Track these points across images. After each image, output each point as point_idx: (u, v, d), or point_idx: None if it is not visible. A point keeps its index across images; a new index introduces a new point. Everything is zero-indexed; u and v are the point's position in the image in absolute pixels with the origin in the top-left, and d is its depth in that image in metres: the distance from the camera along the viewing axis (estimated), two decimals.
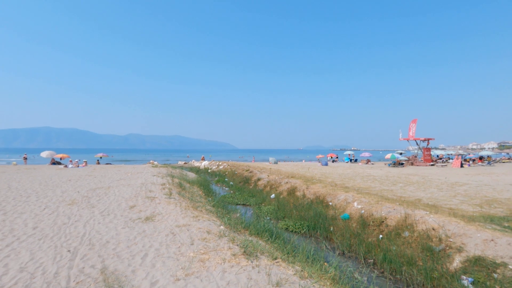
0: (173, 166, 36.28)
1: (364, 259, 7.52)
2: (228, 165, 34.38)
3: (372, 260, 7.47)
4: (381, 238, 8.11)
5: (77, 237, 6.73)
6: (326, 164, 33.83)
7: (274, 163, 37.90)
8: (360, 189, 13.45)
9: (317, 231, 10.02)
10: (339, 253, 8.18)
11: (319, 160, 46.49)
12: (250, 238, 7.10)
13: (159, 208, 9.73)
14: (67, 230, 7.23)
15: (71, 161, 33.72)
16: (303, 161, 55.65)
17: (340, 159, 50.39)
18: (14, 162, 36.67)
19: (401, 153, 43.94)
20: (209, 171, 34.98)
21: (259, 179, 20.94)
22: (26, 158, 39.16)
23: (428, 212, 8.25)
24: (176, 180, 17.98)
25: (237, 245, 6.09)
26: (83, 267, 5.04)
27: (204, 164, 42.17)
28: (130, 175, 20.62)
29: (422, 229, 7.51)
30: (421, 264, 6.50)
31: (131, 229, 7.35)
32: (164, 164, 41.61)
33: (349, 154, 47.94)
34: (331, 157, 48.30)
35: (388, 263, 6.95)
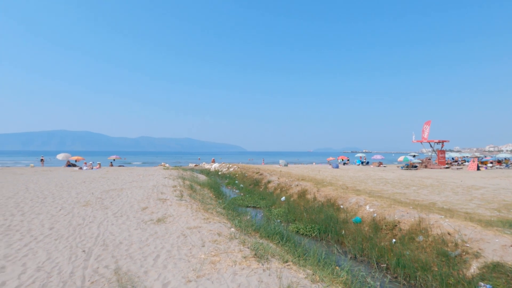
0: (184, 169, 36.66)
1: (376, 264, 7.39)
2: (238, 167, 34.47)
3: (385, 265, 7.32)
4: (394, 242, 7.95)
5: (91, 237, 6.88)
6: (337, 167, 33.49)
7: (284, 165, 37.77)
8: (372, 192, 13.24)
9: (328, 235, 9.91)
10: (351, 257, 8.07)
11: (329, 163, 46.06)
12: (260, 241, 7.09)
13: (170, 210, 9.84)
14: (82, 231, 7.40)
15: (85, 163, 34.55)
16: (314, 163, 55.24)
17: (351, 161, 49.78)
18: (32, 164, 37.84)
19: (414, 156, 43.03)
20: (220, 173, 35.16)
21: (269, 182, 20.90)
22: (43, 160, 40.37)
23: (443, 216, 8.04)
24: (187, 182, 18.15)
25: (248, 248, 6.09)
26: (97, 267, 5.14)
27: (214, 166, 42.42)
28: (142, 177, 20.95)
29: (437, 234, 7.32)
30: (436, 269, 6.34)
31: (143, 230, 7.46)
32: (175, 166, 42.09)
33: (360, 157, 47.30)
34: (342, 160, 47.76)
35: (401, 268, 6.80)
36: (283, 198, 15.64)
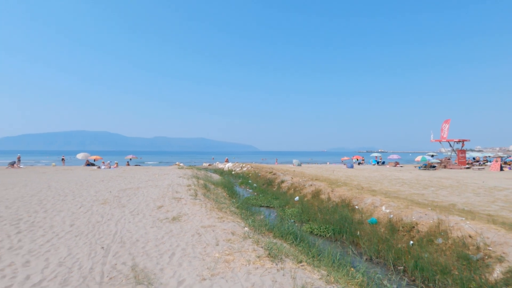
0: (198, 168, 37.10)
1: (393, 266, 7.22)
2: (252, 167, 34.54)
3: (402, 267, 7.14)
4: (412, 244, 7.74)
5: (110, 235, 7.08)
6: (352, 167, 32.96)
7: (298, 165, 37.54)
8: (388, 192, 12.94)
9: (342, 235, 9.78)
10: (366, 259, 7.92)
11: (344, 163, 45.41)
12: (274, 241, 7.08)
13: (185, 208, 9.99)
14: (100, 228, 7.63)
15: (103, 162, 35.57)
16: (328, 163, 54.58)
17: (367, 161, 48.85)
18: (54, 164, 39.35)
19: (432, 155, 41.72)
20: (233, 173, 35.36)
21: (282, 181, 20.83)
22: (64, 160, 41.90)
23: (463, 218, 7.76)
24: (201, 182, 18.36)
25: (262, 247, 6.10)
26: (115, 264, 5.28)
27: (228, 166, 42.71)
28: (158, 176, 21.36)
29: (457, 236, 7.07)
30: (456, 273, 6.12)
31: (159, 228, 7.61)
32: (190, 166, 42.68)
33: (376, 156, 46.32)
34: (357, 159, 46.95)
35: (419, 271, 6.62)
36: (296, 198, 15.55)
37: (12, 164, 32.54)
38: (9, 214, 9.04)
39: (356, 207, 11.46)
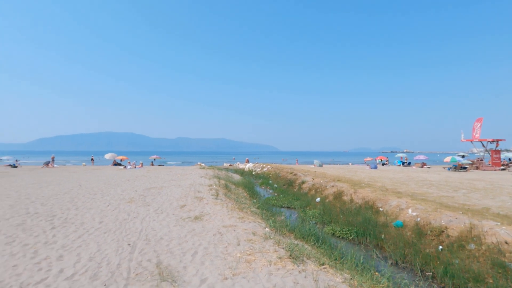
0: (219, 168, 37.60)
1: (421, 271, 6.92)
2: (272, 167, 34.48)
3: (431, 273, 6.82)
4: (441, 249, 7.38)
5: (135, 232, 7.34)
6: (375, 168, 31.99)
7: (319, 165, 36.99)
8: (415, 194, 12.41)
9: (366, 238, 9.50)
10: (391, 263, 7.64)
11: (367, 163, 44.15)
12: (295, 242, 7.02)
13: (206, 208, 10.15)
14: (127, 226, 7.93)
15: (129, 162, 36.98)
16: (350, 164, 53.33)
17: (391, 162, 47.20)
18: (84, 163, 41.47)
19: (463, 156, 39.52)
20: (253, 173, 35.47)
21: (303, 182, 20.62)
22: (93, 160, 44.04)
23: (499, 223, 7.28)
24: (222, 182, 18.58)
25: (283, 248, 6.06)
26: (141, 260, 5.47)
27: (248, 166, 42.92)
28: (180, 176, 21.89)
29: (492, 242, 6.65)
30: (491, 281, 5.76)
31: (181, 227, 7.79)
32: (211, 166, 43.34)
33: (401, 157, 44.63)
34: (381, 160, 45.47)
35: (450, 277, 6.29)
36: (318, 199, 15.33)
37: (47, 163, 34.68)
38: (44, 210, 9.65)
39: (381, 209, 11.11)
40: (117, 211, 9.69)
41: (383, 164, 43.19)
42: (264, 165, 38.40)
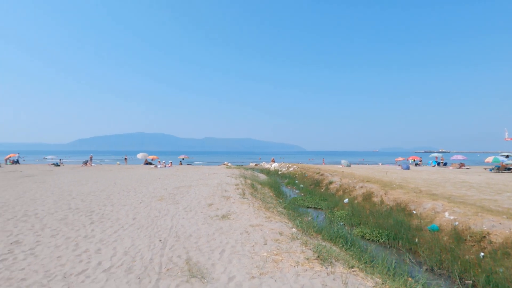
0: (245, 168, 37.92)
1: (459, 279, 6.48)
2: (298, 167, 34.13)
3: (471, 282, 6.37)
4: (483, 256, 6.87)
5: (166, 229, 7.63)
6: (408, 168, 30.49)
7: (347, 166, 36.00)
8: (452, 197, 11.66)
9: (398, 242, 9.09)
10: (426, 269, 7.25)
11: (398, 163, 42.20)
12: (323, 243, 6.89)
13: (233, 207, 10.29)
14: (158, 222, 8.27)
15: (159, 162, 38.48)
16: (380, 164, 51.32)
17: (425, 162, 44.72)
18: (118, 163, 43.83)
19: (507, 156, 36.38)
20: (279, 173, 35.35)
21: (330, 182, 20.19)
22: (126, 159, 46.41)
23: None
24: (249, 181, 18.72)
25: (310, 249, 5.98)
26: (172, 256, 5.68)
27: (274, 166, 42.84)
28: (207, 176, 22.38)
29: None
30: None
31: (209, 225, 7.97)
32: (237, 165, 43.83)
33: (436, 157, 42.09)
34: (413, 160, 43.23)
35: (493, 287, 5.84)
36: (346, 200, 14.93)
37: (85, 162, 37.09)
38: (84, 206, 10.34)
39: (414, 212, 10.58)
40: (149, 208, 10.13)
41: (416, 165, 41.04)
42: (290, 165, 38.12)
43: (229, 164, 45.97)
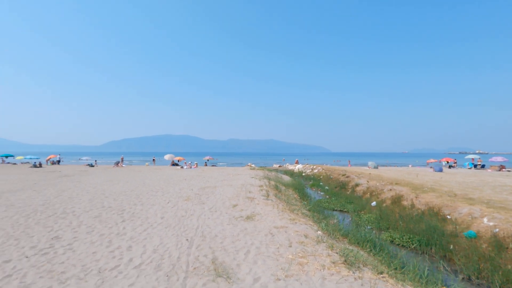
0: (269, 169, 37.89)
1: None
2: (323, 169, 33.52)
3: None
4: None
5: (192, 228, 7.82)
6: (441, 170, 28.85)
7: (374, 167, 34.78)
8: (491, 202, 10.86)
9: (431, 248, 8.63)
10: (463, 278, 6.81)
11: (430, 165, 40.10)
12: (350, 247, 6.71)
13: (257, 208, 10.32)
14: (185, 222, 8.50)
15: (185, 163, 39.53)
16: (410, 166, 49.03)
17: (460, 164, 42.08)
18: (147, 163, 45.62)
19: None
20: (303, 174, 34.93)
21: (357, 185, 19.61)
22: (154, 160, 48.18)
23: None
24: (272, 183, 18.68)
25: (336, 253, 5.85)
26: (198, 256, 5.80)
27: (298, 167, 42.41)
28: (232, 177, 22.64)
29: None
30: None
31: (234, 226, 8.05)
32: (260, 167, 43.92)
33: (472, 159, 39.49)
34: (447, 162, 40.85)
35: None
36: (373, 203, 14.43)
37: (117, 163, 39.00)
38: (116, 205, 10.88)
39: (448, 216, 9.99)
40: (176, 208, 10.44)
41: (450, 167, 38.75)
42: (314, 167, 37.53)
43: (253, 165, 46.18)
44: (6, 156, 45.91)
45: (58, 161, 43.35)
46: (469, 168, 35.62)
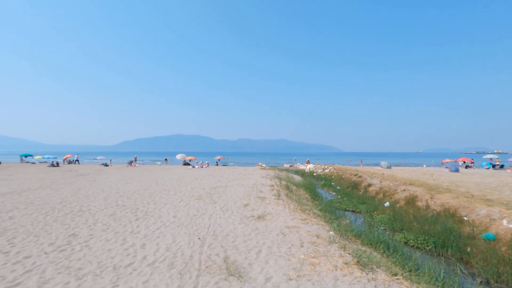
0: (280, 169, 37.78)
1: None
2: (334, 168, 33.18)
3: None
4: None
5: (204, 227, 7.89)
6: (457, 171, 28.05)
7: (387, 167, 34.14)
8: (511, 203, 10.48)
9: (447, 250, 8.40)
10: (481, 281, 6.61)
11: (445, 165, 39.05)
12: (362, 248, 6.62)
13: (269, 208, 10.32)
14: (197, 221, 8.59)
15: (197, 162, 39.91)
16: (424, 166, 47.89)
17: (477, 164, 40.80)
18: (159, 163, 46.32)
19: None
20: (314, 174, 34.67)
21: (369, 185, 19.31)
22: (167, 160, 48.87)
23: None
24: (283, 182, 18.63)
25: (349, 254, 5.79)
26: (210, 254, 5.86)
27: (309, 167, 42.12)
28: (243, 176, 22.70)
29: None
30: None
31: (245, 225, 8.08)
32: (271, 166, 43.85)
33: (490, 159, 38.21)
34: (464, 162, 39.68)
35: None
36: (387, 204, 14.18)
37: (130, 163, 39.76)
38: (130, 204, 11.11)
39: (465, 218, 9.71)
40: (188, 207, 10.56)
41: (466, 167, 37.63)
42: (325, 166, 37.19)
43: (264, 165, 46.17)
44: (25, 156, 47.55)
45: (77, 160, 44.87)
46: (487, 168, 34.48)
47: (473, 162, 39.71)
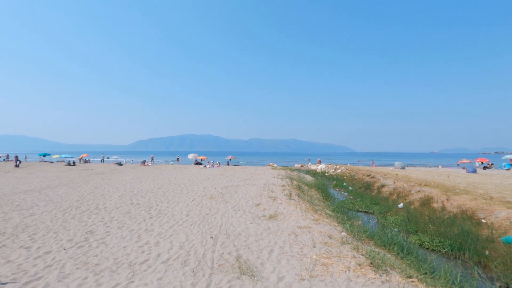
0: (291, 169, 37.64)
1: None
2: (347, 169, 32.79)
3: None
4: None
5: (216, 226, 7.98)
6: (474, 171, 27.19)
7: (401, 168, 33.45)
8: None
9: (464, 253, 8.17)
10: (500, 286, 6.40)
11: (462, 166, 37.92)
12: (376, 250, 6.53)
13: (280, 208, 10.32)
14: (209, 220, 8.69)
15: (208, 162, 40.29)
16: (440, 166, 46.65)
17: (496, 165, 39.41)
18: (171, 162, 47.03)
19: None
20: (326, 174, 34.35)
21: (383, 186, 18.99)
22: (179, 159, 49.54)
23: None
24: (295, 182, 18.57)
25: (362, 255, 5.73)
26: (222, 253, 5.92)
27: (320, 167, 41.78)
28: (254, 176, 22.75)
29: None
30: None
31: (257, 225, 8.11)
32: (283, 166, 43.74)
33: (510, 159, 36.84)
34: (482, 163, 38.43)
35: None
36: (401, 205, 13.91)
37: (143, 162, 40.51)
38: (144, 202, 11.34)
39: (483, 220, 9.42)
40: (200, 206, 10.69)
41: (484, 168, 36.42)
42: (337, 167, 36.79)
43: (275, 165, 46.10)
44: (44, 155, 49.29)
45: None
46: (507, 170, 33.25)
47: (491, 163, 38.39)
